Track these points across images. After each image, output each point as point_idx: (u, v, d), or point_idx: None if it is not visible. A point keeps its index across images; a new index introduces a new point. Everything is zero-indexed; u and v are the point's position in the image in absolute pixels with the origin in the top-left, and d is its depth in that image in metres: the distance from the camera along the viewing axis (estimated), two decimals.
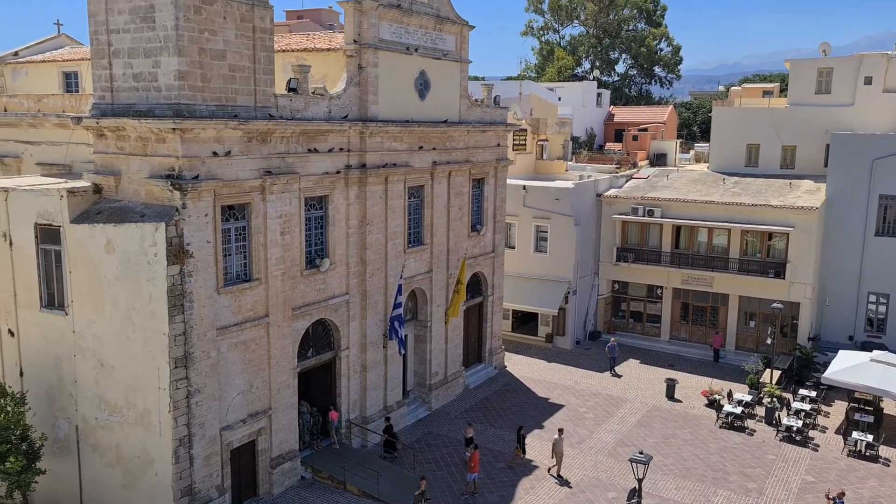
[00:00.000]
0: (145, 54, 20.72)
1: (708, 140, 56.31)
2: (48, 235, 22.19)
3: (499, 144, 36.33)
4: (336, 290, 27.01)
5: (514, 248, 42.18)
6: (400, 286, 28.94)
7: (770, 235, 39.73)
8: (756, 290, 40.06)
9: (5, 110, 29.04)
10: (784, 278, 38.71)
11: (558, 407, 33.79)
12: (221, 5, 21.15)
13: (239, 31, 21.77)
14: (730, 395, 34.03)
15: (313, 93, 25.28)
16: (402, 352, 30.03)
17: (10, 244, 22.88)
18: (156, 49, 20.47)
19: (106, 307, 21.34)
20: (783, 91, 62.49)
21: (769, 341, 36.04)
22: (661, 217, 41.72)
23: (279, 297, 24.06)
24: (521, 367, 39.08)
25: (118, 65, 21.37)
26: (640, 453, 21.16)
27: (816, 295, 39.89)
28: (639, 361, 40.40)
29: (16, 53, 38.15)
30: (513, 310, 42.88)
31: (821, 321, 40.81)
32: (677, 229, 41.99)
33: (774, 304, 35.76)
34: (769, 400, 32.82)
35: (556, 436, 27.68)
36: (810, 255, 38.59)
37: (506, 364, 39.10)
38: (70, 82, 35.28)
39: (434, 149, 31.29)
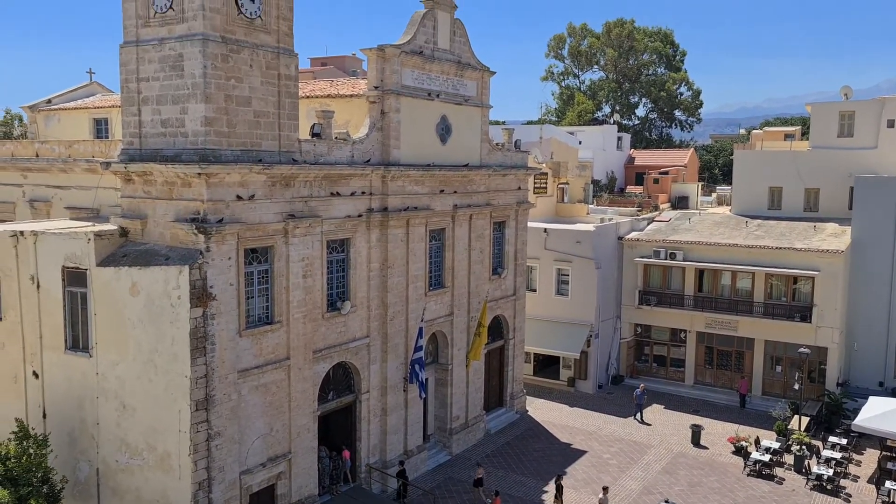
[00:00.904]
0: (173, 101, 21.23)
1: (730, 183, 56.18)
2: (75, 278, 22.51)
3: (520, 188, 36.51)
4: (357, 332, 27.02)
5: (535, 290, 42.03)
6: (421, 329, 28.89)
7: (795, 279, 39.26)
8: (782, 335, 39.45)
9: (37, 156, 29.77)
10: (810, 322, 38.11)
11: (581, 453, 33.23)
12: (248, 53, 21.69)
13: (264, 79, 22.27)
14: (757, 441, 33.29)
15: (336, 138, 25.67)
16: (423, 395, 29.82)
17: (38, 287, 23.23)
18: (184, 96, 20.98)
19: (129, 349, 21.51)
20: (805, 134, 62.38)
21: (797, 387, 35.35)
22: (684, 260, 41.44)
23: (300, 339, 24.11)
24: (543, 411, 38.60)
25: (147, 111, 21.90)
26: (666, 501, 20.72)
27: (844, 339, 39.18)
28: (663, 406, 39.74)
29: (49, 101, 39.26)
30: (534, 353, 42.54)
31: (849, 366, 39.99)
32: (700, 272, 41.65)
33: (801, 349, 35.16)
34: (798, 447, 32.04)
35: (601, 494, 26.99)
36: (837, 298, 38.02)
37: (527, 408, 38.64)
38: (100, 128, 36.17)
39: (455, 192, 31.50)
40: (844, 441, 33.23)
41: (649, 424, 37.10)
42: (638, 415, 37.93)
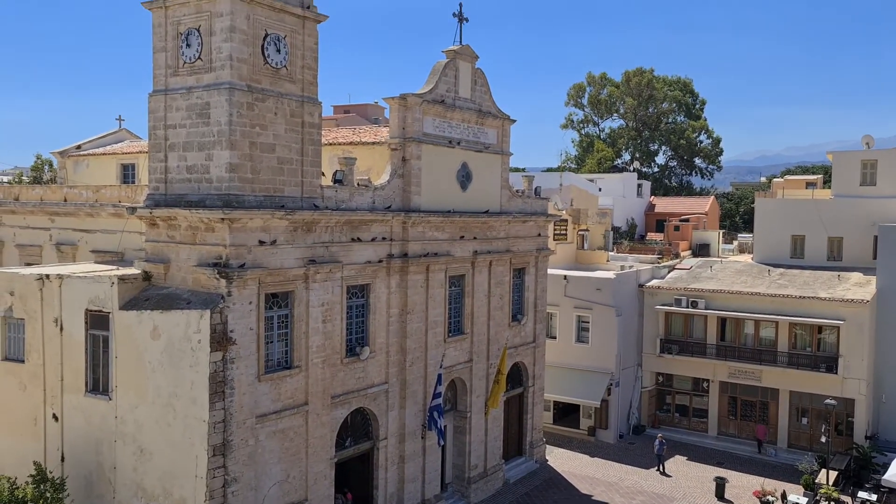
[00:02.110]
0: (199, 148, 21.66)
1: (751, 231, 55.83)
2: (97, 321, 22.72)
3: (539, 234, 36.54)
4: (375, 378, 26.90)
5: (555, 338, 41.70)
6: (440, 375, 28.70)
7: (820, 329, 38.65)
8: (807, 385, 38.70)
9: (65, 200, 30.36)
10: (836, 373, 37.37)
11: None
12: (273, 102, 22.15)
13: (288, 126, 22.69)
14: (784, 496, 32.40)
15: (358, 184, 25.97)
16: (442, 443, 29.48)
17: (61, 329, 23.46)
18: (209, 143, 21.40)
19: (148, 393, 21.55)
20: (826, 183, 62.08)
21: (824, 439, 34.50)
22: (706, 308, 41.01)
23: (319, 384, 24.04)
24: (563, 461, 37.93)
25: (173, 157, 22.35)
26: None
27: (872, 391, 38.33)
28: (685, 458, 38.90)
29: (78, 147, 40.19)
30: (554, 401, 42.02)
31: (878, 419, 39.03)
32: (722, 321, 41.16)
33: (828, 401, 34.43)
34: (826, 502, 31.12)
35: None
36: (863, 349, 37.33)
37: (547, 458, 38.00)
38: (127, 174, 36.88)
39: (475, 238, 31.60)
40: (874, 497, 32.25)
41: (671, 476, 36.29)
42: (660, 466, 37.15)
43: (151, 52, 22.86)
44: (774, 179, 70.38)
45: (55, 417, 23.90)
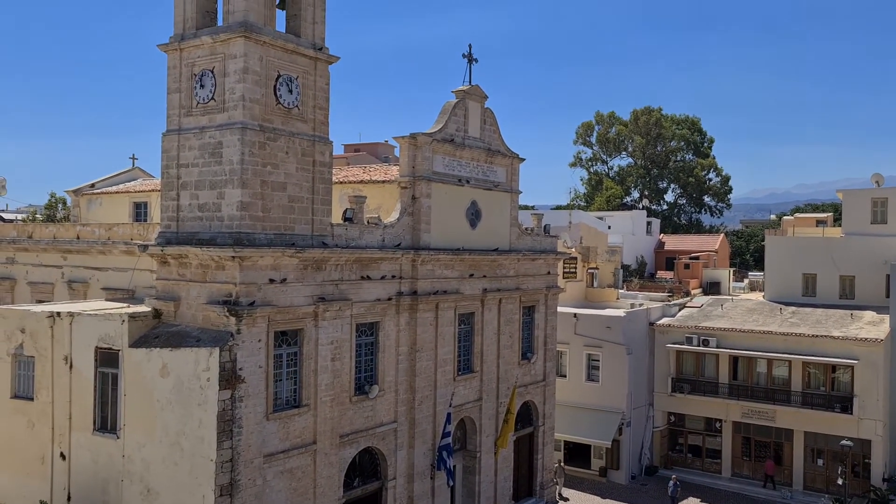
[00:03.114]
0: (211, 186, 21.87)
1: (762, 269, 55.58)
2: (107, 359, 22.72)
3: (549, 272, 36.50)
4: (384, 417, 26.69)
5: (565, 376, 41.36)
6: (449, 414, 28.46)
7: (834, 368, 38.21)
8: (822, 426, 38.12)
9: (78, 238, 30.61)
10: (851, 413, 36.84)
11: None
12: (285, 141, 22.42)
13: (300, 165, 22.92)
14: None
15: (368, 222, 26.09)
16: (451, 483, 29.10)
17: (71, 367, 23.46)
18: (221, 181, 21.61)
19: (156, 431, 21.44)
20: (837, 221, 61.91)
21: (840, 482, 33.86)
22: (717, 347, 40.67)
23: (327, 423, 23.87)
24: (574, 502, 37.31)
25: (185, 196, 22.56)
26: None
27: (889, 432, 37.67)
28: (699, 500, 38.20)
29: (92, 185, 40.65)
30: (564, 441, 41.51)
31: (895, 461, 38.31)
32: (734, 360, 40.77)
33: (843, 442, 33.86)
34: None
35: None
36: (879, 389, 36.82)
37: (557, 499, 37.40)
38: (140, 212, 37.21)
39: (484, 276, 31.59)
40: None
41: None
42: None
43: (166, 93, 23.24)
44: (784, 217, 70.26)
45: (62, 456, 23.77)
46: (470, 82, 31.01)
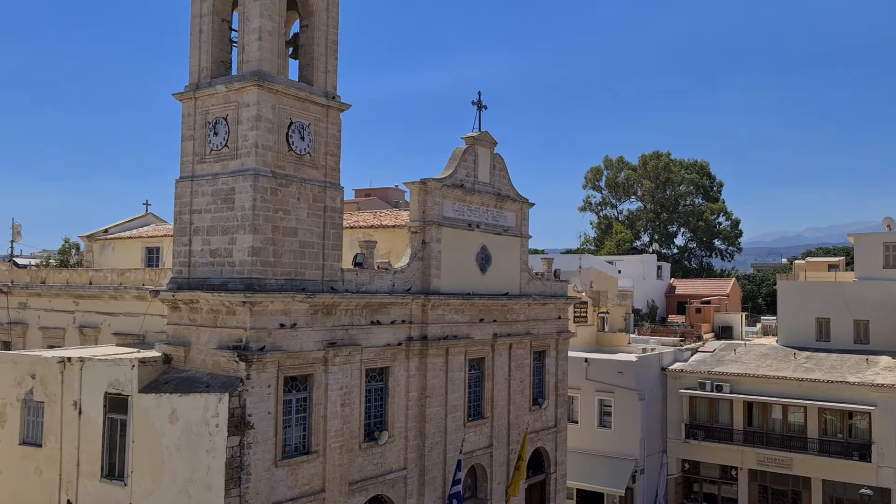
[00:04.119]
0: (223, 232, 22.05)
1: (774, 313, 55.16)
2: (116, 404, 22.64)
3: (560, 317, 36.33)
4: (394, 464, 26.36)
5: (577, 422, 40.86)
6: (459, 461, 28.08)
7: (850, 414, 37.60)
8: (840, 474, 37.35)
9: (90, 283, 30.80)
10: (870, 461, 36.11)
11: None
12: (296, 187, 22.65)
13: (311, 210, 23.11)
14: None
15: (378, 267, 26.16)
16: None
17: (80, 413, 23.39)
18: (233, 227, 21.80)
19: (164, 478, 21.24)
20: (849, 265, 61.60)
21: None
22: (731, 392, 40.17)
23: (336, 470, 23.59)
24: None
25: (197, 241, 22.74)
26: None
27: None
28: None
29: (106, 230, 41.06)
30: (577, 488, 40.77)
31: None
32: (749, 406, 40.21)
33: (863, 490, 33.18)
34: None
35: None
36: None
37: None
38: (152, 257, 37.48)
39: (495, 321, 31.47)
40: None
41: None
42: None
43: (180, 140, 23.62)
44: (796, 261, 69.94)
45: None
46: (479, 128, 31.37)
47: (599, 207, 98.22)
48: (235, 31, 23.72)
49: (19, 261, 57.14)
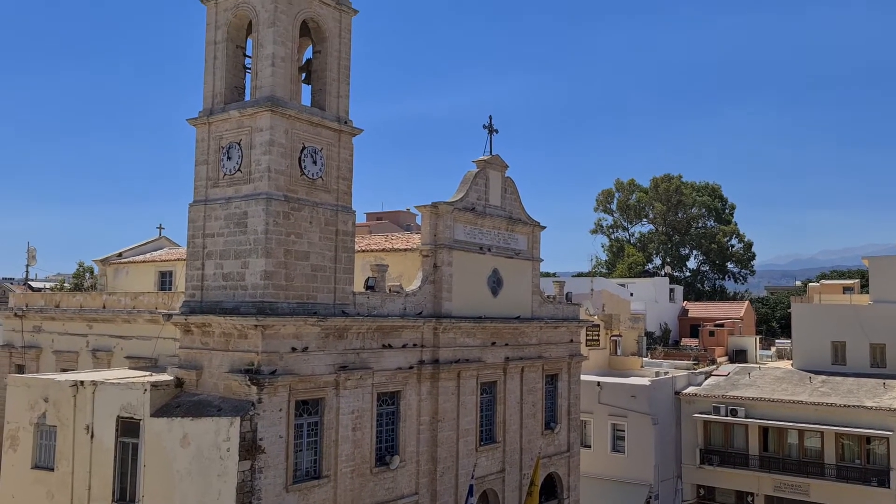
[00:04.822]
0: (235, 256, 22.16)
1: (788, 336, 54.63)
2: (128, 428, 22.64)
3: (572, 340, 36.15)
4: (405, 489, 26.16)
5: (589, 447, 40.45)
6: (471, 486, 27.82)
7: (868, 439, 37.05)
8: (858, 500, 36.72)
9: (104, 307, 30.98)
10: (889, 487, 35.52)
11: None
12: (308, 211, 22.77)
13: (323, 234, 23.21)
14: None
15: (390, 290, 26.17)
16: None
17: (92, 437, 23.39)
18: (245, 251, 21.91)
19: (175, 503, 21.15)
20: (864, 287, 61.06)
21: None
22: (746, 417, 39.70)
23: (347, 495, 23.44)
24: None
25: (210, 265, 22.85)
26: None
27: None
28: None
29: (120, 254, 41.34)
30: None
31: None
32: (764, 430, 39.71)
33: None
34: None
35: None
36: None
37: None
38: (165, 280, 37.67)
39: (507, 344, 31.35)
40: None
41: None
42: None
43: (193, 165, 23.83)
44: (810, 284, 69.40)
45: None
46: (490, 152, 31.50)
47: (611, 230, 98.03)
48: (249, 56, 24.04)
49: (34, 284, 57.58)
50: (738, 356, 54.85)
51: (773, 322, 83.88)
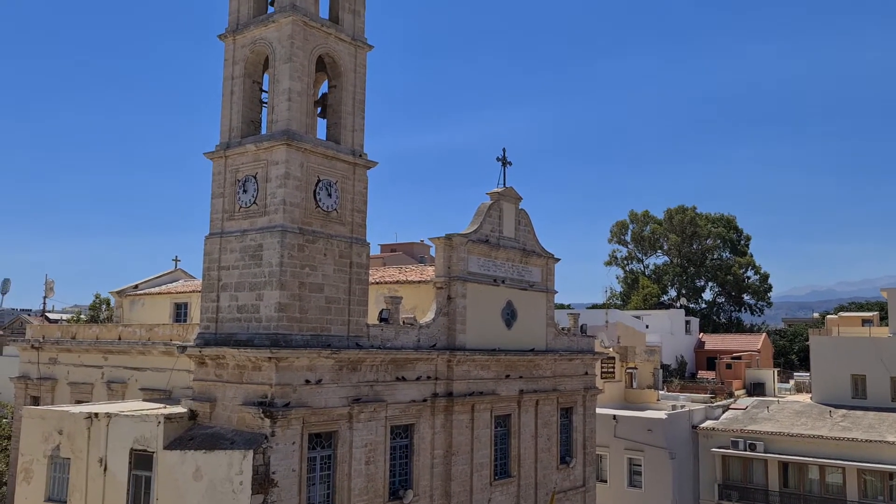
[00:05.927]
0: (250, 288, 22.25)
1: (807, 369, 53.91)
2: (141, 461, 22.57)
3: (587, 373, 35.84)
4: None
5: (605, 481, 39.87)
6: None
7: (891, 475, 36.27)
8: None
9: (119, 339, 31.13)
10: None
11: None
12: (323, 243, 22.88)
13: (337, 266, 23.28)
14: None
15: (403, 322, 26.13)
16: None
17: (105, 469, 23.34)
18: (260, 283, 22.00)
19: None
20: (883, 319, 60.26)
21: None
22: (765, 452, 39.04)
23: None
24: None
25: (225, 297, 22.95)
26: None
27: None
28: None
29: (136, 286, 41.63)
30: None
31: None
32: (784, 466, 39.01)
33: None
34: None
35: None
36: None
37: None
38: (180, 312, 37.83)
39: (521, 377, 31.12)
40: None
41: None
42: None
43: (210, 198, 24.07)
44: (828, 316, 68.57)
45: None
46: (504, 184, 31.62)
47: (625, 262, 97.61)
48: (265, 91, 24.39)
49: (52, 316, 58.02)
50: (756, 389, 54.09)
51: (792, 354, 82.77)
